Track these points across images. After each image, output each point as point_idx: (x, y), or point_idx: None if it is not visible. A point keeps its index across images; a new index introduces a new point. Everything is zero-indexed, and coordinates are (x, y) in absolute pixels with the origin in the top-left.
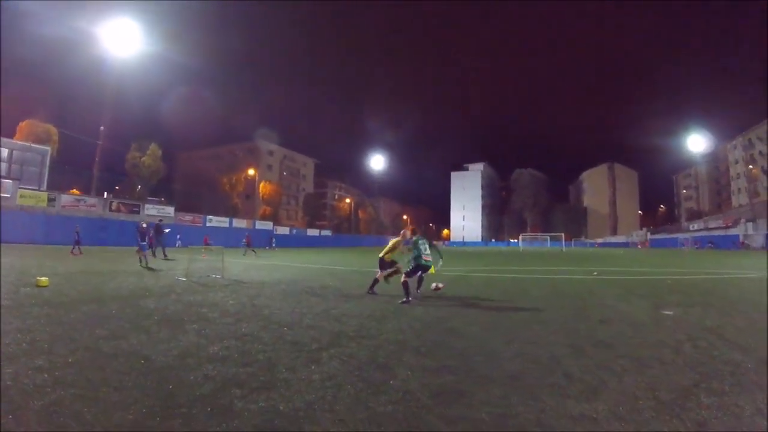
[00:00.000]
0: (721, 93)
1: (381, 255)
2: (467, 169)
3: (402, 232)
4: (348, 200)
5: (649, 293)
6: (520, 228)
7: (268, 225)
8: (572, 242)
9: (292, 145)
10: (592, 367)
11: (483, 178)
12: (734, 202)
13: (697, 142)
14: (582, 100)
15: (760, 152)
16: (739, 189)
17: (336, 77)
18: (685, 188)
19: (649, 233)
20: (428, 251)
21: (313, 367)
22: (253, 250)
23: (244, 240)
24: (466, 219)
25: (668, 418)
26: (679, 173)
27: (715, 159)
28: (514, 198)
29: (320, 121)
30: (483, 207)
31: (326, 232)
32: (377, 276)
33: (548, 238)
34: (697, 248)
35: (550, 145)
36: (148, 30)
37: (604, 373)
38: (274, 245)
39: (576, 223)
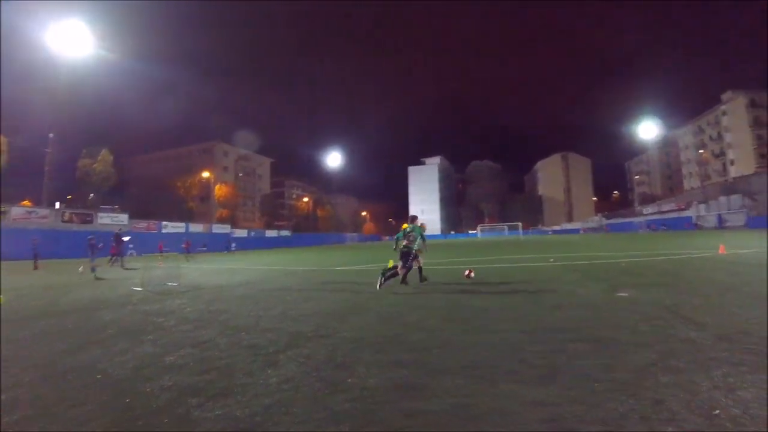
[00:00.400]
0: (671, 81)
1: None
2: (424, 164)
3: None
4: (306, 199)
5: (605, 276)
6: (478, 219)
7: (225, 228)
8: (530, 230)
9: (248, 144)
10: (548, 352)
11: (440, 171)
12: (686, 185)
13: (648, 130)
14: (536, 91)
15: (711, 137)
16: (690, 173)
17: (290, 74)
18: (637, 174)
19: (604, 219)
20: (403, 239)
21: (270, 371)
22: (185, 257)
23: (182, 245)
24: (424, 212)
25: (625, 398)
26: (631, 160)
27: (666, 145)
28: (471, 190)
29: (276, 119)
30: (441, 200)
31: (285, 232)
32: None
33: (506, 227)
34: (652, 231)
35: (505, 136)
36: (98, 31)
37: (560, 357)
38: (233, 248)
39: (532, 212)
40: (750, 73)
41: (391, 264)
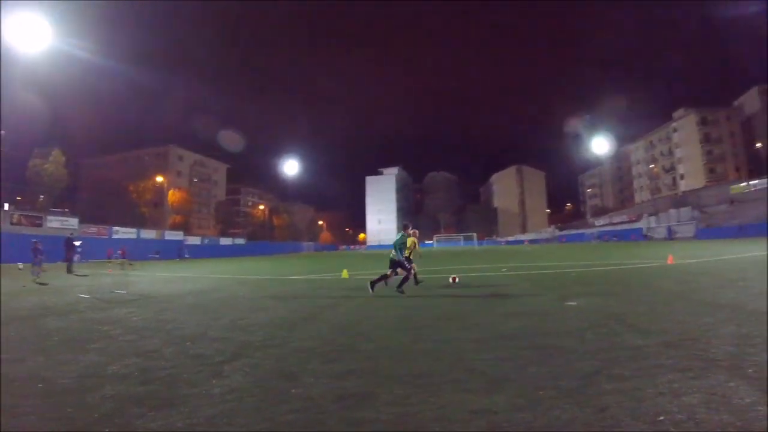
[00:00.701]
0: (623, 98)
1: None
2: (382, 173)
3: (413, 231)
4: (262, 206)
5: (556, 286)
6: (434, 229)
7: (178, 235)
8: (485, 241)
9: (203, 149)
10: (495, 360)
11: (397, 181)
12: (637, 198)
13: (601, 145)
14: (492, 105)
15: (662, 153)
16: (641, 186)
17: (249, 80)
18: (590, 187)
19: (557, 230)
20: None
21: (214, 381)
22: (121, 265)
23: (119, 251)
24: (381, 222)
25: (569, 406)
26: (584, 173)
27: (618, 160)
28: (428, 200)
29: (232, 124)
30: (398, 210)
31: (240, 241)
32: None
33: (462, 237)
34: (603, 242)
35: (462, 149)
36: (53, 26)
37: (507, 365)
38: (186, 256)
39: (488, 223)
40: (701, 93)
41: (345, 274)
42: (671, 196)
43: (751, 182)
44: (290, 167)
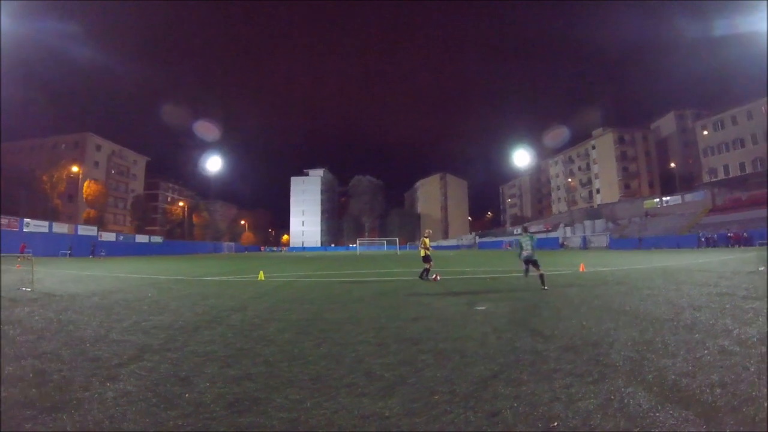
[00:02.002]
0: (544, 115)
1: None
2: (307, 174)
3: (428, 231)
4: (182, 203)
5: (467, 291)
6: (358, 232)
7: (92, 231)
8: (407, 245)
9: (123, 139)
10: (394, 364)
11: (323, 183)
12: (554, 209)
13: (522, 157)
14: (420, 113)
15: (579, 167)
16: (558, 198)
17: (171, 70)
18: (510, 197)
19: (477, 237)
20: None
21: (108, 384)
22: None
23: (22, 246)
24: (305, 224)
25: (462, 411)
26: (505, 183)
27: (537, 172)
28: (353, 203)
29: (154, 115)
30: (322, 212)
31: (157, 239)
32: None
33: (385, 242)
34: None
35: (388, 154)
36: None
37: (405, 369)
38: (103, 253)
39: (411, 228)
40: (619, 114)
41: (261, 276)
42: (587, 208)
43: (663, 198)
44: (213, 163)
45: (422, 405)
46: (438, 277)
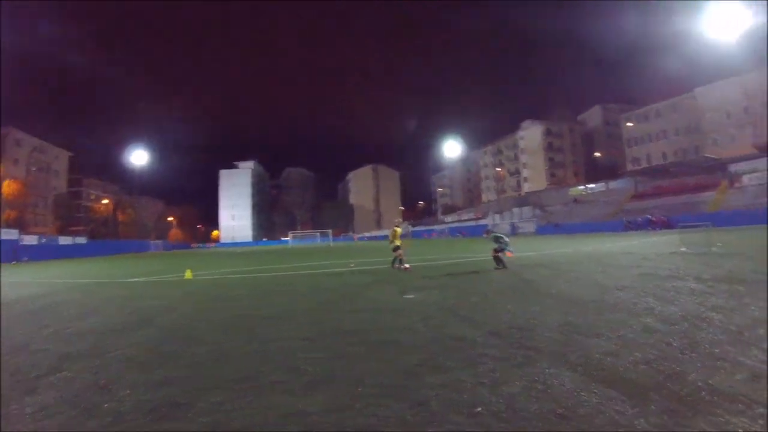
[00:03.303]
0: (474, 106)
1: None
2: (237, 167)
3: (398, 221)
4: (106, 201)
5: (397, 280)
6: (290, 225)
7: (13, 234)
8: (341, 237)
9: (42, 133)
10: (323, 359)
11: (253, 176)
12: (484, 198)
13: (452, 148)
14: (350, 103)
15: (508, 158)
16: (488, 187)
17: (95, 60)
18: (441, 187)
19: (410, 226)
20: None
21: (27, 398)
22: None
23: None
24: (236, 218)
25: (388, 402)
26: (436, 174)
27: (467, 162)
28: (285, 196)
29: (75, 106)
30: (253, 206)
31: (81, 239)
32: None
33: (318, 234)
34: (454, 236)
35: (320, 146)
36: None
37: (334, 363)
38: (26, 258)
39: (344, 219)
40: (547, 107)
41: (189, 275)
42: (515, 196)
43: (588, 186)
44: (138, 157)
45: (347, 399)
46: (409, 267)
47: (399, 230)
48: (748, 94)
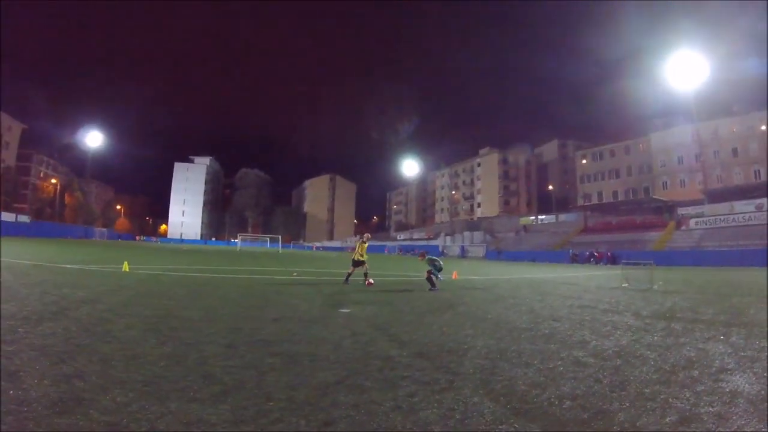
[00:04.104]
0: (435, 130)
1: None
2: (193, 162)
3: (366, 235)
4: (54, 180)
5: (337, 292)
6: (241, 227)
7: None
8: (291, 244)
9: None
10: (238, 368)
11: (208, 173)
12: (437, 218)
13: (410, 167)
14: (314, 113)
15: (464, 182)
16: (442, 209)
17: (59, 39)
18: (396, 204)
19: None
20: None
21: None
22: None
23: None
24: (186, 214)
25: (294, 419)
26: (392, 190)
27: (423, 182)
28: (238, 197)
29: (28, 77)
30: (205, 203)
31: (24, 218)
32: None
33: (268, 239)
34: (402, 254)
35: (279, 150)
36: None
37: (248, 372)
38: None
39: (296, 227)
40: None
41: (126, 267)
42: (468, 220)
43: (539, 216)
44: (93, 138)
45: (254, 412)
46: (372, 282)
47: (366, 245)
48: (701, 141)
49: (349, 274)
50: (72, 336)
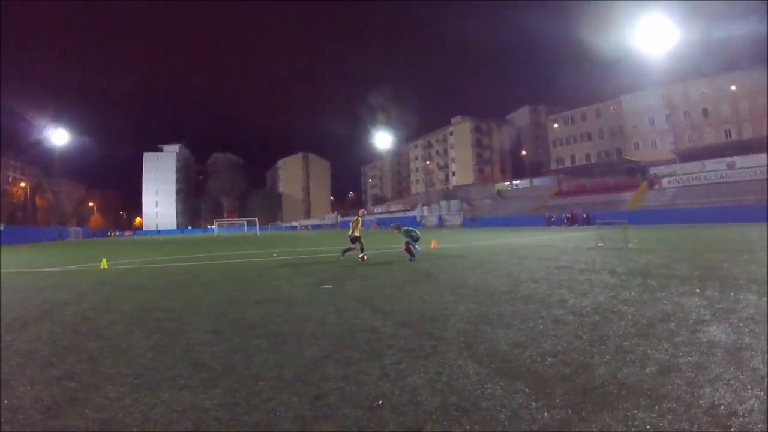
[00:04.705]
0: (406, 101)
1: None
2: (162, 151)
3: (361, 211)
4: (23, 183)
5: (317, 270)
6: (216, 213)
7: None
8: (269, 226)
9: None
10: (226, 352)
11: (178, 160)
12: (413, 190)
13: (383, 140)
14: (281, 90)
15: (437, 152)
16: (417, 180)
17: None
18: (371, 178)
19: (339, 216)
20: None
21: None
22: None
23: None
24: (159, 205)
25: (286, 396)
26: (366, 165)
27: (397, 155)
28: (211, 183)
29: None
30: (178, 192)
31: None
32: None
33: (245, 222)
34: (379, 228)
35: (249, 131)
36: None
37: (236, 356)
38: None
39: (272, 208)
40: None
41: (104, 264)
42: (443, 189)
43: (514, 182)
44: (58, 136)
45: (245, 393)
46: (365, 257)
47: (360, 220)
48: (671, 103)
49: (346, 250)
50: (58, 338)
